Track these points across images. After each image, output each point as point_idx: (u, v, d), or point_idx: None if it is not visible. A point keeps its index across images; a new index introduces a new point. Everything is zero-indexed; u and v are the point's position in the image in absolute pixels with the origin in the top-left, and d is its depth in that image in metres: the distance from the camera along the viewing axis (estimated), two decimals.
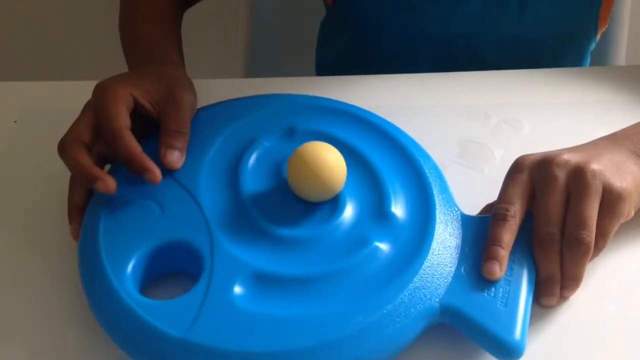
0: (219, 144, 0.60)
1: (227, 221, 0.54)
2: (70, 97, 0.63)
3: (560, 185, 0.52)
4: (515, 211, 0.52)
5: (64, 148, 0.55)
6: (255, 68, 1.00)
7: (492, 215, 0.53)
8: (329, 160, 0.54)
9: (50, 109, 0.70)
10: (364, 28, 0.85)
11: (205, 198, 0.55)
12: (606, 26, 0.83)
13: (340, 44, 0.89)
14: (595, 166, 0.52)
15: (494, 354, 0.48)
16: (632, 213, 0.53)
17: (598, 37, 0.83)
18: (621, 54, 0.92)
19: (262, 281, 0.51)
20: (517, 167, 0.54)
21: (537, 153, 0.54)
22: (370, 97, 0.64)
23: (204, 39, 1.31)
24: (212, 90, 0.66)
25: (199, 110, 0.63)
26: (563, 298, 0.52)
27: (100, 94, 0.57)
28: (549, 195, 0.52)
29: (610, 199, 0.51)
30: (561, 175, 0.52)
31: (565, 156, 0.53)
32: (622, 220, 0.53)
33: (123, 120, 0.56)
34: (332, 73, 0.86)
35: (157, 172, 0.55)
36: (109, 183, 0.54)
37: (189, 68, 0.68)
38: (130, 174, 0.56)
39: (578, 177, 0.51)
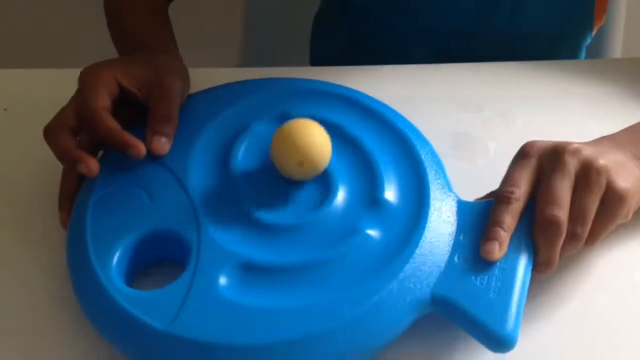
0: (211, 130, 0.59)
1: (216, 209, 0.53)
2: (61, 85, 0.62)
3: (570, 173, 0.51)
4: (520, 195, 0.51)
5: (49, 132, 0.55)
6: (251, 61, 1.00)
7: (496, 197, 0.52)
8: (312, 137, 0.53)
9: (41, 97, 0.69)
10: (358, 25, 0.85)
11: (194, 185, 0.55)
12: (602, 22, 0.82)
13: (334, 41, 0.89)
14: (603, 162, 0.51)
15: (486, 344, 0.48)
16: (630, 215, 0.53)
17: (594, 32, 0.83)
18: (617, 49, 0.92)
19: (249, 271, 0.50)
20: (525, 152, 0.53)
21: (545, 140, 0.54)
22: (364, 88, 0.64)
23: (200, 30, 1.30)
24: (207, 79, 0.65)
25: (191, 95, 0.62)
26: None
27: (83, 78, 0.57)
28: (559, 179, 0.51)
29: (612, 199, 0.51)
30: (572, 163, 0.51)
31: (576, 146, 0.52)
32: (620, 221, 0.52)
33: (101, 102, 0.55)
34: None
35: (142, 147, 0.54)
36: (90, 165, 0.53)
37: (184, 58, 0.68)
38: (119, 161, 0.56)
39: (586, 170, 0.51)
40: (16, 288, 0.55)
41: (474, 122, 0.67)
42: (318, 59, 0.93)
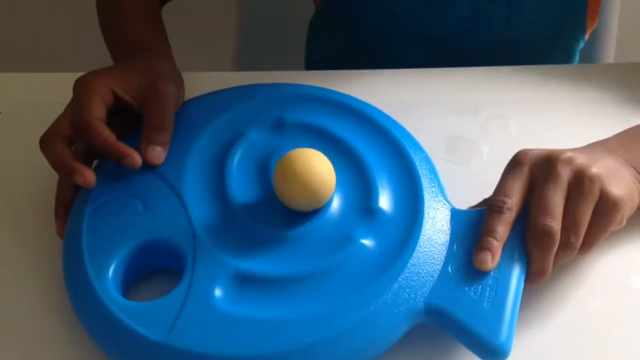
0: (206, 138, 0.59)
1: (211, 219, 0.53)
2: (57, 89, 0.63)
3: (563, 182, 0.51)
4: (512, 204, 0.51)
5: (45, 142, 0.56)
6: (245, 64, 1.00)
7: (488, 207, 0.52)
8: (318, 170, 0.52)
9: (36, 101, 0.69)
10: (354, 30, 0.85)
11: (190, 194, 0.55)
12: (595, 26, 0.83)
13: (332, 42, 0.89)
14: (596, 170, 0.51)
15: (480, 355, 0.48)
16: (624, 222, 0.53)
17: (587, 36, 0.84)
18: (610, 53, 0.93)
19: (244, 282, 0.50)
20: (517, 161, 0.53)
21: (537, 148, 0.54)
22: (359, 92, 0.64)
23: (194, 33, 1.30)
24: (202, 83, 0.65)
25: (186, 102, 0.62)
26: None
27: (78, 87, 0.57)
28: (552, 189, 0.51)
29: (605, 207, 0.51)
30: (564, 172, 0.51)
31: (569, 155, 0.52)
32: (614, 228, 0.53)
33: (96, 112, 0.55)
34: None
35: (137, 156, 0.55)
36: (86, 176, 0.54)
37: (178, 62, 0.68)
38: (114, 170, 0.56)
39: (579, 179, 0.51)
40: (16, 289, 0.55)
41: (468, 126, 0.67)
42: (314, 61, 0.93)
